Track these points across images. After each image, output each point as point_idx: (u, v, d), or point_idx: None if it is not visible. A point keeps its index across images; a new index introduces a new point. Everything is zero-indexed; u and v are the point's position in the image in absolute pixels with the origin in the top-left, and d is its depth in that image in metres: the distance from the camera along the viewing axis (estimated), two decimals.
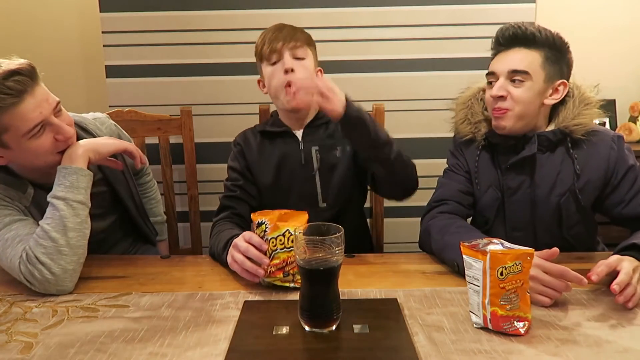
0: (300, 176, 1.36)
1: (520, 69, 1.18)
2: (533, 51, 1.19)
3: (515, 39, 1.21)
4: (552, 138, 1.21)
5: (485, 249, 0.84)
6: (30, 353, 0.81)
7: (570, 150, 1.21)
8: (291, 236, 0.99)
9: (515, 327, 0.84)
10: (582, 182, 1.21)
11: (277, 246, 1.00)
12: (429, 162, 1.81)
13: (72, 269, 1.04)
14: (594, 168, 1.21)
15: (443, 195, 1.31)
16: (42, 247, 1.02)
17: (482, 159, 1.30)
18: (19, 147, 1.05)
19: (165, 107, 1.94)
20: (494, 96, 1.21)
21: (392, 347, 0.81)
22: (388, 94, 1.97)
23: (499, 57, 1.24)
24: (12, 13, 2.00)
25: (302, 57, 1.31)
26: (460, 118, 1.33)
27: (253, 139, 1.41)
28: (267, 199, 1.38)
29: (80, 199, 1.07)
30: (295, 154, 1.36)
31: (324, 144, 1.37)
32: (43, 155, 1.08)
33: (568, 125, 1.21)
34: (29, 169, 1.12)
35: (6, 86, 0.99)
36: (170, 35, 1.95)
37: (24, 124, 1.02)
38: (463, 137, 1.33)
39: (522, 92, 1.19)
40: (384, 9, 1.92)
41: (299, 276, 0.92)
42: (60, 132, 1.07)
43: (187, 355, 0.80)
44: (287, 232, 1.00)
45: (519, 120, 1.20)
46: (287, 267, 1.01)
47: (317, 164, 1.36)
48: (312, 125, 1.38)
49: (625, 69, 2.58)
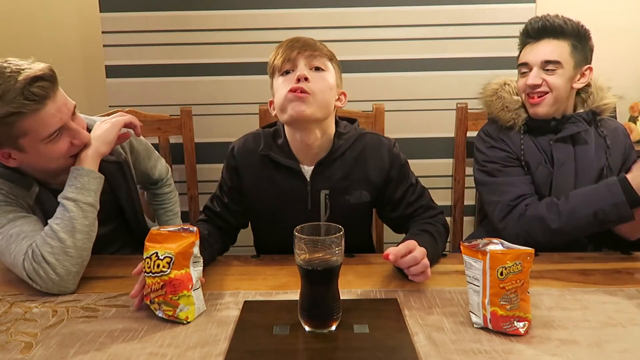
0: (303, 221, 1.03)
1: (552, 59, 1.28)
2: (561, 41, 1.29)
3: (544, 31, 1.30)
4: (586, 117, 1.32)
5: (485, 249, 0.84)
6: (30, 353, 0.81)
7: (600, 129, 1.34)
8: (158, 260, 0.88)
9: (515, 327, 0.84)
10: (613, 157, 1.32)
11: (145, 269, 0.90)
12: (428, 162, 1.81)
13: (76, 271, 1.04)
14: (617, 147, 1.34)
15: (517, 193, 1.28)
16: (49, 247, 1.02)
17: (525, 142, 1.34)
18: (35, 151, 1.04)
19: (165, 107, 1.94)
20: (530, 85, 1.29)
21: (392, 347, 0.81)
22: (388, 94, 1.97)
23: (529, 48, 1.32)
24: (12, 13, 2.00)
25: (321, 67, 1.13)
26: (497, 107, 1.36)
27: (254, 158, 1.19)
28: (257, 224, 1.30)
29: (90, 201, 1.07)
30: (301, 196, 1.17)
31: (335, 187, 1.17)
32: (56, 160, 1.08)
33: (599, 106, 1.33)
34: (39, 170, 1.12)
35: (31, 92, 0.98)
36: (170, 35, 1.96)
37: (44, 130, 1.02)
38: (504, 124, 1.35)
39: (555, 79, 1.28)
40: (384, 9, 1.92)
41: (167, 307, 0.89)
42: (77, 137, 1.08)
43: (187, 355, 0.80)
44: (154, 255, 0.89)
45: (554, 104, 1.30)
46: (152, 295, 0.90)
47: (326, 212, 1.17)
48: (325, 162, 1.17)
49: (625, 69, 2.57)
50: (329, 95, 1.12)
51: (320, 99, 1.09)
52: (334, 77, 1.15)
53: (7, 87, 0.97)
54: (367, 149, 1.20)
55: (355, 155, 1.19)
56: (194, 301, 0.91)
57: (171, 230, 0.92)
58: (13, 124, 0.99)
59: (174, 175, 1.80)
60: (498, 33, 1.90)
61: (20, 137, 1.02)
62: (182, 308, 0.90)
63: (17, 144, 1.03)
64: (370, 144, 1.21)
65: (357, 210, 1.20)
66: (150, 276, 0.90)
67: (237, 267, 1.17)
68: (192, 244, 0.91)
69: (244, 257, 1.22)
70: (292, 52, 1.11)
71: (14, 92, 0.97)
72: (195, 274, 0.92)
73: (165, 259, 0.88)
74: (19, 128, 1.00)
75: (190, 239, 0.91)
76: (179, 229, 0.92)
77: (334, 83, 1.14)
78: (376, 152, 1.20)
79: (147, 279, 0.91)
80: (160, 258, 0.88)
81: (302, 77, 1.08)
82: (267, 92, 1.97)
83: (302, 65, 1.11)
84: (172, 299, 0.89)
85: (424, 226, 1.19)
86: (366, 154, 1.20)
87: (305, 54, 1.11)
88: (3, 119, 0.98)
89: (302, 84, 1.08)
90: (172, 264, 0.88)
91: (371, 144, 1.21)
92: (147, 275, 0.90)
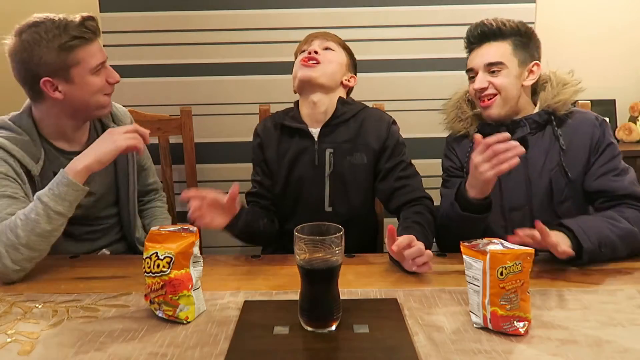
0: (311, 177, 1.35)
1: (494, 60, 1.30)
2: (502, 42, 1.31)
3: (483, 36, 1.32)
4: (539, 119, 1.31)
5: (485, 249, 0.84)
6: (30, 353, 0.81)
7: (555, 129, 1.31)
8: (158, 260, 0.89)
9: (515, 327, 0.84)
10: (569, 158, 1.29)
11: (145, 269, 0.90)
12: (428, 162, 1.81)
13: (20, 268, 1.07)
14: (579, 144, 1.29)
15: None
16: (5, 237, 1.06)
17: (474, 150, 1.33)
18: (82, 81, 1.19)
19: (165, 107, 1.94)
20: (477, 88, 1.31)
21: (392, 347, 0.81)
22: (388, 94, 1.97)
23: (474, 54, 1.34)
24: (12, 13, 2.00)
25: (332, 48, 1.36)
26: (452, 118, 1.42)
27: (272, 131, 1.40)
28: (277, 196, 1.39)
29: (61, 210, 1.09)
30: (309, 153, 1.35)
31: (339, 148, 1.34)
32: (96, 94, 1.22)
33: (550, 104, 1.31)
34: (75, 107, 1.22)
35: (87, 25, 1.17)
36: (170, 35, 1.96)
37: (93, 60, 1.19)
38: (456, 133, 1.41)
39: (501, 80, 1.29)
40: (384, 9, 1.92)
41: (167, 307, 0.90)
42: (111, 76, 1.25)
43: (187, 355, 0.80)
44: (154, 255, 0.89)
45: (505, 104, 1.31)
46: (152, 295, 0.91)
47: (329, 167, 1.34)
48: (329, 125, 1.35)
49: (625, 69, 2.58)
50: (336, 67, 1.35)
51: (326, 68, 1.33)
52: (344, 59, 1.39)
53: (67, 21, 1.16)
54: (369, 119, 1.37)
55: (357, 124, 1.36)
56: (194, 301, 0.91)
57: (171, 230, 0.92)
58: (71, 50, 1.15)
59: (174, 175, 1.80)
60: None
61: (73, 66, 1.17)
62: (182, 308, 0.90)
63: (68, 73, 1.17)
64: (373, 116, 1.39)
65: (356, 170, 1.35)
66: (150, 276, 0.90)
67: (237, 267, 1.17)
68: (192, 244, 0.91)
69: (244, 257, 1.22)
70: (309, 38, 1.39)
71: (74, 23, 1.16)
72: (195, 274, 0.92)
73: (165, 259, 0.88)
74: (75, 56, 1.16)
75: (190, 239, 0.91)
76: (179, 229, 0.92)
77: (342, 61, 1.37)
78: (377, 123, 1.37)
79: (146, 279, 0.91)
80: (160, 258, 0.88)
81: (312, 51, 1.33)
82: (267, 92, 1.98)
83: (316, 44, 1.36)
84: (172, 299, 0.89)
85: (414, 217, 1.26)
86: (368, 123, 1.36)
87: (320, 38, 1.38)
88: (66, 43, 1.14)
89: (312, 55, 1.32)
90: (172, 264, 0.88)
91: (373, 116, 1.39)
92: (147, 275, 0.90)
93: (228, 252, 2.01)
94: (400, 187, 1.33)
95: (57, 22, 1.15)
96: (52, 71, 1.16)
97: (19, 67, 1.17)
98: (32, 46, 1.14)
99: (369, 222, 1.51)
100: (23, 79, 1.18)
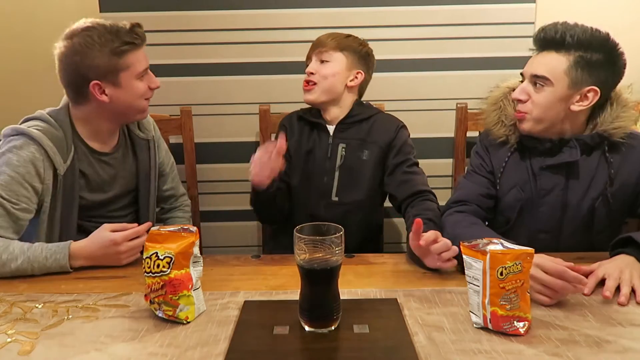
0: (323, 168, 1.47)
1: (540, 74, 1.16)
2: (561, 55, 1.16)
3: (545, 42, 1.19)
4: (590, 142, 1.19)
5: (485, 249, 0.84)
6: (30, 353, 0.81)
7: (606, 154, 1.19)
8: (158, 260, 0.88)
9: (515, 327, 0.84)
10: (616, 187, 1.19)
11: (145, 269, 0.90)
12: (429, 162, 1.81)
13: None
14: (630, 172, 1.19)
15: (463, 196, 1.29)
16: None
17: (511, 160, 1.27)
18: (128, 85, 1.24)
19: (165, 107, 1.93)
20: (513, 98, 1.22)
21: (392, 347, 0.81)
22: (388, 94, 1.96)
23: (532, 58, 1.22)
24: (12, 13, 2.00)
25: (327, 60, 1.45)
26: (492, 120, 1.29)
27: (296, 122, 1.54)
28: (291, 182, 1.50)
29: (36, 267, 1.10)
30: (324, 146, 1.48)
31: (351, 144, 1.47)
32: (139, 98, 1.28)
33: (607, 129, 1.18)
34: (119, 110, 1.27)
35: (136, 31, 1.23)
36: (170, 35, 1.95)
37: (140, 65, 1.25)
38: (497, 139, 1.29)
39: (541, 97, 1.17)
40: (384, 9, 1.92)
41: (167, 307, 0.90)
42: (153, 82, 1.31)
43: (187, 355, 0.80)
44: (154, 255, 0.89)
45: (537, 123, 1.19)
46: (152, 295, 0.91)
47: (340, 160, 1.46)
48: (344, 122, 1.48)
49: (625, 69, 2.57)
50: (332, 81, 1.44)
51: (323, 86, 1.44)
52: (342, 64, 1.45)
53: (118, 27, 1.22)
54: (380, 121, 1.50)
55: (369, 125, 1.48)
56: (194, 301, 0.91)
57: (171, 231, 0.92)
58: (122, 55, 1.21)
59: None
60: (498, 33, 1.89)
61: (122, 71, 1.22)
62: (182, 308, 0.90)
63: (117, 77, 1.22)
64: (384, 119, 1.52)
65: (364, 166, 1.47)
66: (150, 276, 0.90)
67: (237, 267, 1.17)
68: (192, 244, 0.91)
69: (244, 257, 1.22)
70: (310, 52, 1.49)
71: (124, 29, 1.22)
72: (195, 274, 0.92)
73: (165, 259, 0.88)
74: (125, 60, 1.22)
75: (190, 239, 0.90)
76: (179, 229, 0.92)
77: (340, 68, 1.45)
78: (387, 125, 1.50)
79: (146, 279, 0.91)
80: (160, 258, 0.88)
81: (308, 73, 1.46)
82: (267, 92, 1.98)
83: (312, 62, 1.47)
84: (172, 299, 0.89)
85: (427, 213, 1.29)
86: (378, 125, 1.49)
87: (316, 52, 1.46)
88: (117, 48, 1.20)
89: (309, 78, 1.45)
90: (172, 264, 0.88)
91: (385, 119, 1.52)
92: (147, 275, 0.90)
93: (228, 252, 2.01)
94: (406, 181, 1.42)
95: (109, 27, 1.21)
96: (102, 74, 1.20)
97: (69, 69, 1.21)
98: (84, 49, 1.18)
99: (372, 217, 1.56)
100: (71, 81, 1.22)
